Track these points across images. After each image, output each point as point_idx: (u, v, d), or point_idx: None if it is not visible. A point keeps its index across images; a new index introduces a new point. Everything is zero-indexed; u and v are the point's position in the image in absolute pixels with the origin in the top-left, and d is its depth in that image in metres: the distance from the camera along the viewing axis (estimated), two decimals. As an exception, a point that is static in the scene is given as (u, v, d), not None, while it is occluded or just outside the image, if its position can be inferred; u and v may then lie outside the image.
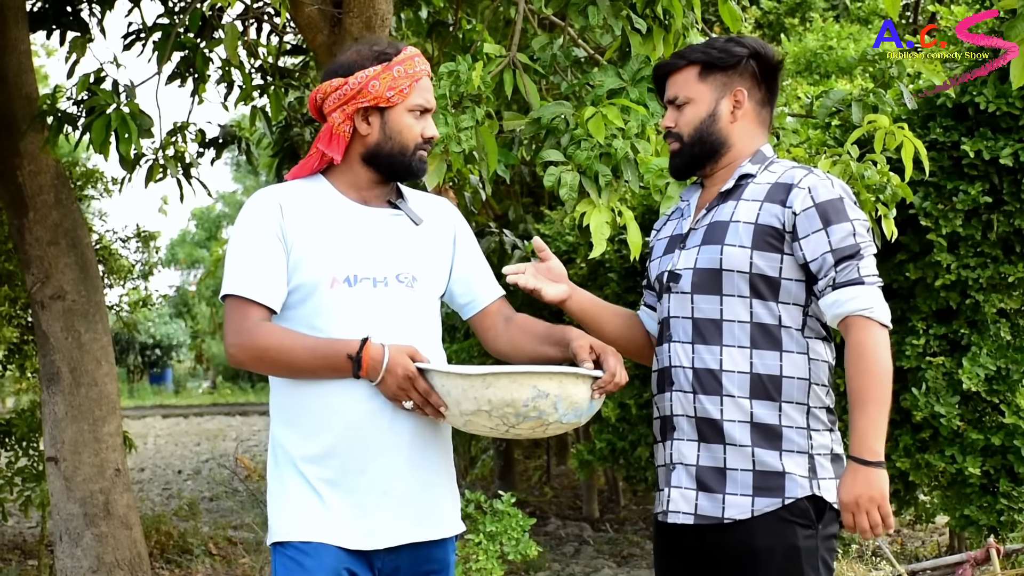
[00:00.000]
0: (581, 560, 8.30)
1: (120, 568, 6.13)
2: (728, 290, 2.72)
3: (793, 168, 2.79)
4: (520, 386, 2.54)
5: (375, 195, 2.80)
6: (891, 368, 2.64)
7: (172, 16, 5.93)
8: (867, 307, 2.62)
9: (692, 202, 2.93)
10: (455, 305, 2.97)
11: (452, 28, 6.74)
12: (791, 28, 10.80)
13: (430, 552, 2.76)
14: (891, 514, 2.61)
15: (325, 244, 2.68)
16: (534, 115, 4.20)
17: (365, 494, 2.65)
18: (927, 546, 7.92)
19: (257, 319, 2.64)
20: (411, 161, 2.75)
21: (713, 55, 2.84)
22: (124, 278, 8.60)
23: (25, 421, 7.72)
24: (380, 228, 2.76)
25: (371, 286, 2.69)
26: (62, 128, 5.39)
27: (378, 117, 2.73)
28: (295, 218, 2.69)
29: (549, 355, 2.82)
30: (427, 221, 2.84)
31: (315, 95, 2.78)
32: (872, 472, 2.59)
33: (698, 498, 2.73)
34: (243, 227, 2.71)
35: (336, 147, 2.74)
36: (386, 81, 2.69)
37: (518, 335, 2.90)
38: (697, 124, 2.85)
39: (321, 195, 2.76)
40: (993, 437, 5.86)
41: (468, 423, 2.61)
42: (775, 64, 2.89)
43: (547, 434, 2.68)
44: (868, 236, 2.71)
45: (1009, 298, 5.91)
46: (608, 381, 2.64)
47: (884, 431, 2.62)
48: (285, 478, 2.69)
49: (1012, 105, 5.52)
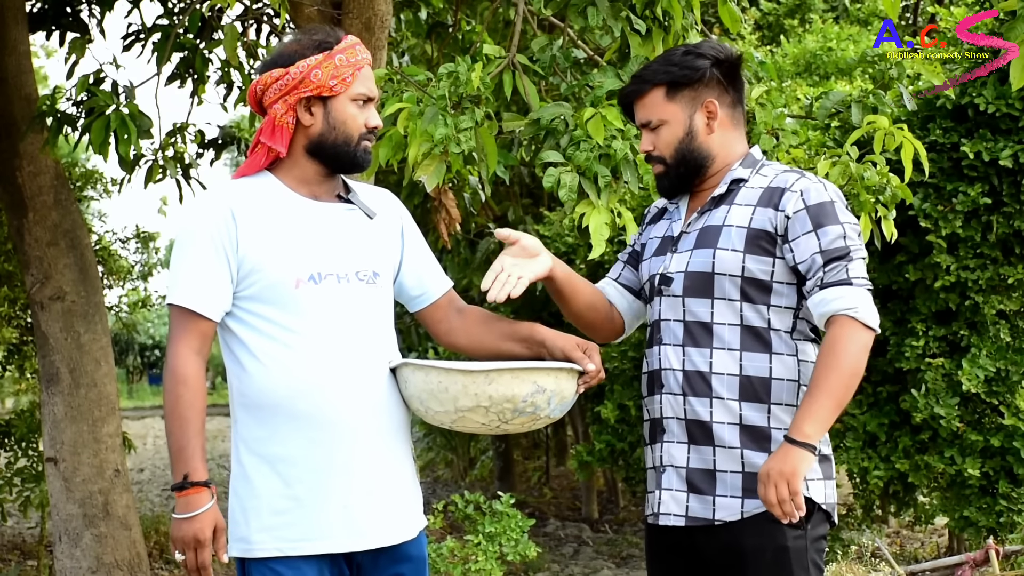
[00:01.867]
0: (580, 561, 8.30)
1: (119, 569, 6.13)
2: (719, 294, 2.73)
3: (785, 172, 2.80)
4: (521, 382, 2.56)
5: (324, 190, 2.76)
6: (860, 369, 2.61)
7: (171, 17, 5.93)
8: (852, 307, 2.62)
9: (682, 204, 2.92)
10: (404, 298, 2.94)
11: (451, 29, 6.74)
12: (790, 29, 10.80)
13: (408, 548, 2.75)
14: (800, 495, 2.57)
15: (285, 244, 2.65)
16: (533, 116, 4.20)
17: (349, 493, 2.63)
18: (926, 547, 7.92)
19: (198, 347, 2.63)
20: (355, 152, 2.72)
21: (676, 73, 2.80)
22: (124, 279, 8.59)
23: (24, 422, 7.72)
24: (337, 224, 2.74)
25: (335, 282, 2.67)
26: (61, 129, 5.39)
27: (321, 107, 2.69)
28: (249, 222, 2.65)
29: (514, 352, 2.81)
30: (378, 214, 2.83)
31: (254, 87, 2.74)
32: (793, 450, 2.56)
33: (688, 500, 2.74)
34: (190, 234, 2.67)
35: (280, 139, 2.70)
36: (328, 70, 2.66)
37: (477, 330, 2.89)
38: (676, 145, 2.83)
39: (272, 193, 2.71)
40: (992, 439, 5.86)
41: (459, 420, 2.61)
42: (736, 63, 2.87)
43: (534, 428, 2.72)
44: (859, 240, 2.70)
45: (1009, 299, 5.91)
46: (594, 375, 2.69)
47: (824, 420, 2.59)
48: (255, 480, 2.65)
49: (1012, 106, 5.53)
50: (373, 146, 3.95)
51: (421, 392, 2.64)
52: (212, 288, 2.63)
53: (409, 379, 2.66)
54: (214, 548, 2.55)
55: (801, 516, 2.59)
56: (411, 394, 2.67)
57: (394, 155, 4.05)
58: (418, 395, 2.65)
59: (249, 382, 2.65)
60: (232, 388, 2.70)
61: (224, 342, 2.72)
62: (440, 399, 2.60)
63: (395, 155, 4.05)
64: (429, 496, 11.10)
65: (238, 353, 2.67)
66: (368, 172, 4.00)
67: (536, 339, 2.79)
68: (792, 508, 2.57)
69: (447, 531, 8.11)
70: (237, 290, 2.66)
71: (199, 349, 2.64)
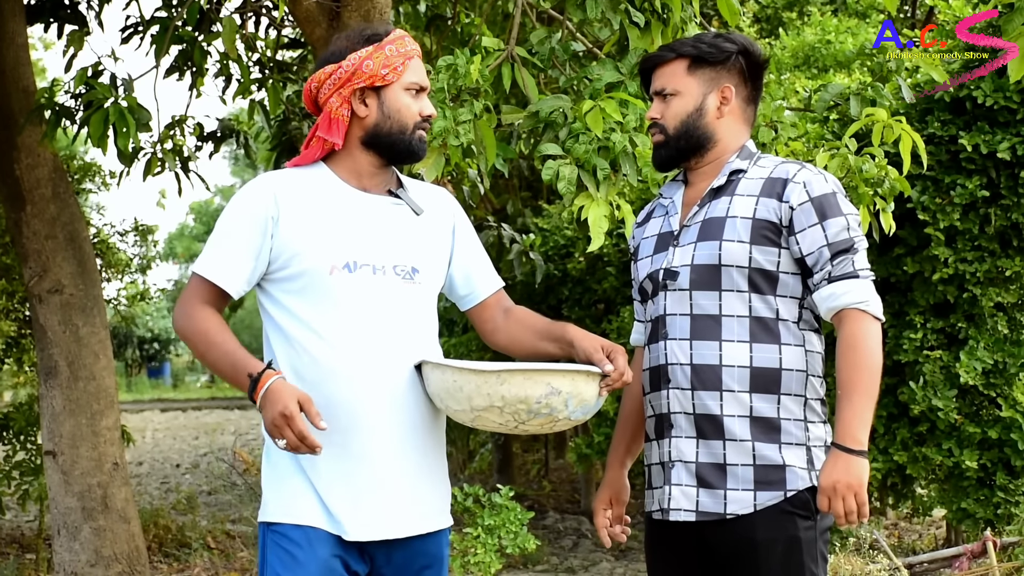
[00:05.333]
0: (579, 554, 8.32)
1: (118, 562, 6.13)
2: (727, 285, 2.72)
3: (784, 163, 2.81)
4: (534, 383, 2.56)
5: (376, 183, 2.78)
6: (881, 361, 2.66)
7: (170, 9, 5.91)
8: (862, 300, 2.64)
9: (676, 200, 2.92)
10: (453, 297, 2.97)
11: (450, 22, 6.74)
12: (789, 22, 10.80)
13: (425, 545, 2.75)
14: (867, 503, 2.62)
15: (324, 231, 2.68)
16: (532, 109, 4.20)
17: (364, 484, 2.64)
18: (924, 539, 7.93)
19: (208, 301, 2.69)
20: (411, 140, 2.74)
21: (703, 49, 2.84)
22: (122, 272, 8.59)
23: (23, 415, 7.72)
24: (380, 216, 2.75)
25: (371, 273, 2.69)
26: (60, 122, 5.38)
27: (375, 97, 2.72)
28: (292, 206, 2.69)
29: (548, 351, 2.82)
30: (427, 211, 2.83)
31: (309, 85, 2.77)
32: (853, 460, 2.59)
33: (699, 495, 2.73)
34: (231, 210, 2.73)
35: (336, 132, 2.73)
36: (379, 60, 2.69)
37: (516, 329, 2.90)
38: (684, 117, 2.85)
39: (321, 182, 2.75)
40: (990, 431, 5.88)
41: (477, 419, 2.62)
42: (761, 63, 2.90)
43: (555, 430, 2.71)
44: (860, 230, 2.73)
45: (1006, 292, 5.92)
46: (616, 379, 2.64)
47: (869, 422, 2.64)
48: (279, 464, 2.69)
49: (1010, 99, 5.53)
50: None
51: (440, 390, 2.65)
52: (236, 264, 2.68)
53: (429, 377, 2.68)
54: (308, 416, 2.51)
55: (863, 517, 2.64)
56: (432, 392, 2.68)
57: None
58: (438, 393, 2.66)
59: (283, 364, 2.68)
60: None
61: (265, 325, 2.76)
62: (457, 398, 2.61)
63: (394, 148, 4.04)
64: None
65: (273, 336, 2.72)
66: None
67: (566, 339, 2.77)
68: (856, 518, 2.61)
69: (446, 524, 8.10)
70: (275, 274, 2.70)
71: (209, 303, 2.70)
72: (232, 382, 2.62)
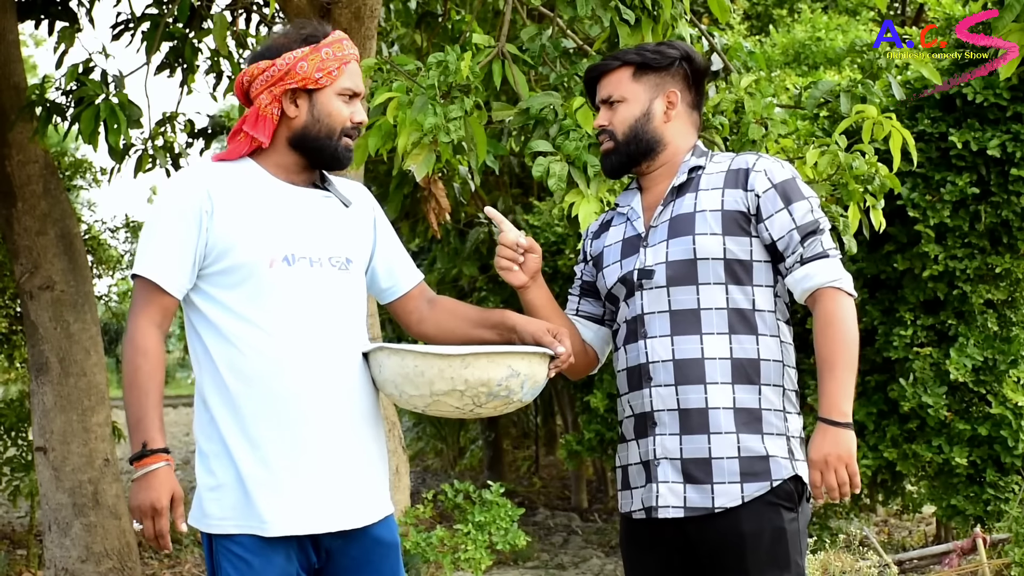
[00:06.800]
0: (569, 550, 8.33)
1: (109, 558, 6.13)
2: (704, 279, 2.77)
3: (740, 155, 2.88)
4: (497, 366, 2.59)
5: (303, 178, 2.78)
6: (858, 336, 2.72)
7: (161, 6, 5.91)
8: (835, 279, 2.72)
9: (635, 206, 2.95)
10: (375, 290, 2.96)
11: (441, 19, 6.74)
12: (779, 19, 10.81)
13: (379, 532, 2.75)
14: (858, 474, 2.67)
15: (260, 224, 2.66)
16: (523, 106, 4.20)
17: (317, 475, 2.63)
18: (914, 536, 7.95)
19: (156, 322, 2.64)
20: (336, 146, 2.73)
21: (647, 56, 2.90)
22: (113, 268, 8.58)
23: (14, 411, 7.71)
24: (312, 208, 2.75)
25: (308, 265, 2.68)
26: (51, 118, 5.38)
27: (306, 100, 2.71)
28: (225, 200, 2.66)
29: (484, 338, 2.84)
30: (352, 204, 2.84)
31: (241, 78, 2.75)
32: (840, 432, 2.65)
33: (686, 491, 2.75)
34: (163, 206, 2.67)
35: (263, 130, 2.71)
36: (314, 62, 2.68)
37: (445, 318, 2.92)
38: (632, 122, 2.89)
39: (250, 176, 2.72)
40: (980, 427, 5.89)
41: (433, 403, 2.63)
42: (704, 70, 2.97)
43: (505, 412, 2.74)
44: (821, 211, 2.80)
45: (996, 289, 5.94)
46: (565, 360, 2.71)
47: (852, 394, 2.70)
48: (217, 472, 2.64)
49: (999, 96, 5.55)
50: (363, 136, 3.97)
51: (396, 376, 2.65)
52: (178, 265, 2.63)
53: (384, 363, 2.67)
54: (172, 516, 2.55)
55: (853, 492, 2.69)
56: (385, 378, 2.68)
57: (383, 144, 4.05)
58: (392, 379, 2.66)
59: (219, 362, 2.64)
60: (200, 368, 2.69)
61: (190, 323, 2.71)
62: (416, 383, 2.61)
63: (384, 144, 4.05)
64: (419, 485, 11.12)
65: (205, 334, 2.67)
66: (357, 161, 4.00)
67: (507, 325, 2.81)
68: (849, 489, 2.66)
69: (437, 520, 8.12)
70: (207, 269, 2.66)
71: (160, 323, 2.65)
72: (130, 429, 2.60)
